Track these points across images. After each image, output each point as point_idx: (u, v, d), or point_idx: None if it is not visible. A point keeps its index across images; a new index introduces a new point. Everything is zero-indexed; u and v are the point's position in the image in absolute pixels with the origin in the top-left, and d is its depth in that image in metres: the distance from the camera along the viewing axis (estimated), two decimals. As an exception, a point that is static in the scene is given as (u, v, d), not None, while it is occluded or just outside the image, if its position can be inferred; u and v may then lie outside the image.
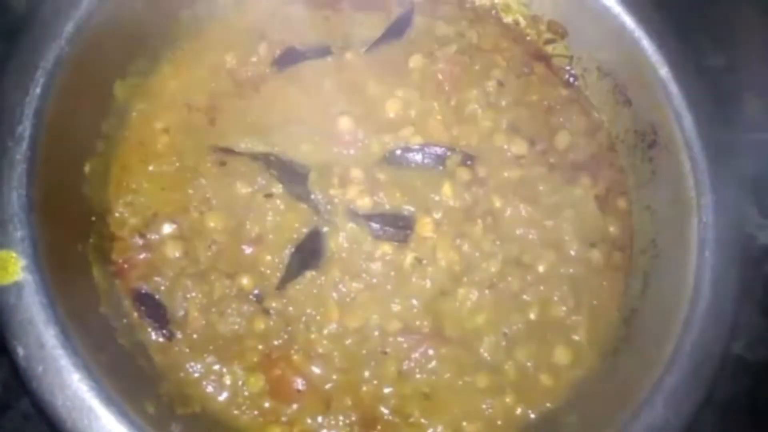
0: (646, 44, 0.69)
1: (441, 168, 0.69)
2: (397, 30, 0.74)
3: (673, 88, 0.68)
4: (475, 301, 0.65)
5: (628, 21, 0.69)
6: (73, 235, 0.60)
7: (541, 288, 0.67)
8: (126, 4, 0.64)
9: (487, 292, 0.66)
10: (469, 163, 0.69)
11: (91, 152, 0.64)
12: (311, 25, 0.74)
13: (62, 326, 0.52)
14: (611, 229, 0.71)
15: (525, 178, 0.70)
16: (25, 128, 0.56)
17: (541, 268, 0.67)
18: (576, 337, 0.66)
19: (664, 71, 0.68)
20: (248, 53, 0.71)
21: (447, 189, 0.68)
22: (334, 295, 0.64)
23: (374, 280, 0.65)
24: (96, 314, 0.58)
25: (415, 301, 0.65)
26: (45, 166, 0.57)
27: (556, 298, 0.67)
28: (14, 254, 0.53)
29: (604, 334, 0.67)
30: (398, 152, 0.69)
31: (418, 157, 0.69)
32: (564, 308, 0.66)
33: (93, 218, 0.63)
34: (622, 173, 0.73)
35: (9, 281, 0.53)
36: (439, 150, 0.69)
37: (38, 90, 0.57)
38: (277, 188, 0.66)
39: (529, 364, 0.65)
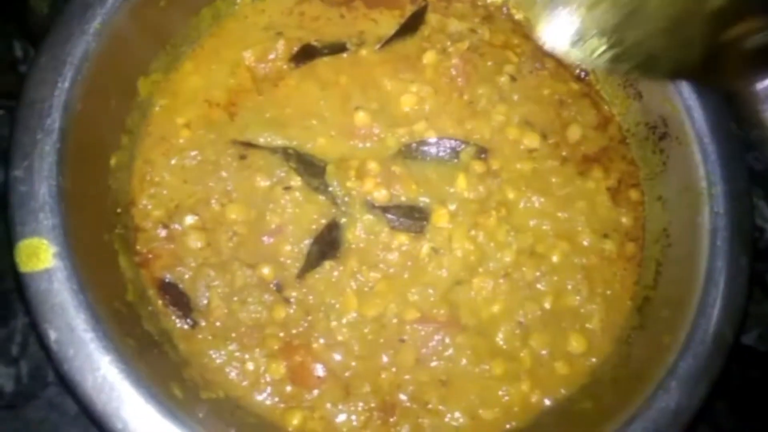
0: (657, 38, 0.70)
1: (456, 161, 0.70)
2: (410, 27, 0.76)
3: (683, 80, 0.69)
4: (491, 291, 0.66)
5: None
6: (100, 226, 0.61)
7: (555, 278, 0.68)
8: (149, 1, 0.66)
9: (501, 281, 0.67)
10: (482, 156, 0.71)
11: (117, 146, 0.65)
12: (327, 22, 0.76)
13: (92, 311, 0.54)
14: (623, 220, 0.72)
15: (537, 171, 0.71)
16: (54, 121, 0.58)
17: (554, 258, 0.68)
18: (590, 326, 0.67)
19: (674, 65, 0.70)
20: (266, 50, 0.73)
21: (461, 181, 0.69)
22: (353, 284, 0.65)
23: (391, 270, 0.66)
24: (123, 301, 0.60)
25: (431, 290, 0.66)
26: (74, 158, 0.58)
27: (569, 288, 0.68)
28: (45, 242, 0.54)
29: (618, 322, 0.68)
30: (413, 146, 0.70)
31: (433, 150, 0.70)
32: (578, 297, 0.68)
33: (119, 210, 0.64)
34: (634, 165, 0.74)
35: (41, 268, 0.54)
36: (453, 143, 0.71)
37: (66, 84, 0.59)
38: (296, 181, 0.68)
39: (544, 352, 0.66)
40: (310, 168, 0.68)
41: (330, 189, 0.68)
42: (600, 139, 0.75)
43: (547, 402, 0.65)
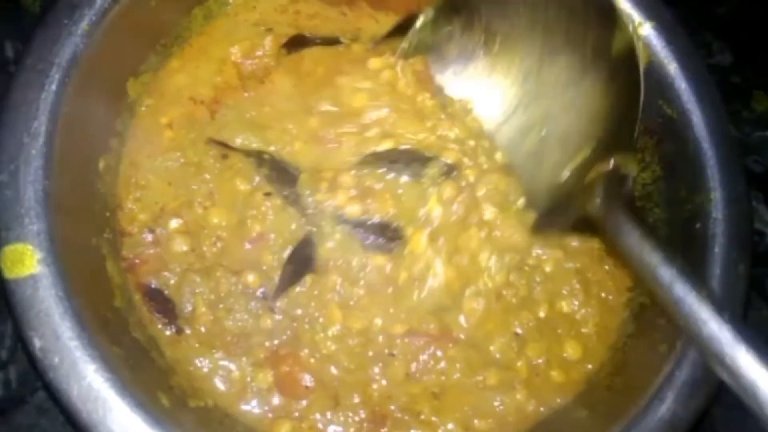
0: (656, 41, 0.69)
1: (423, 179, 0.67)
2: (404, 27, 0.74)
3: (682, 84, 0.68)
4: (482, 312, 0.65)
5: (637, 17, 0.70)
6: (88, 230, 0.61)
7: (550, 285, 0.67)
8: (139, 1, 0.65)
9: (494, 302, 0.65)
10: (453, 174, 0.67)
11: (106, 149, 0.64)
12: (324, 20, 0.74)
13: (78, 318, 0.53)
14: None
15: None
16: (41, 124, 0.57)
17: (548, 268, 0.67)
18: (585, 330, 0.66)
19: (672, 67, 0.68)
20: (254, 46, 0.71)
21: (434, 201, 0.66)
22: (335, 297, 0.64)
23: (373, 288, 0.64)
24: (111, 308, 0.59)
25: (417, 309, 0.64)
26: (61, 162, 0.57)
27: (565, 293, 0.67)
28: (30, 247, 0.53)
29: (613, 326, 0.67)
30: (374, 155, 0.67)
31: (401, 158, 0.67)
32: (575, 302, 0.67)
33: (107, 214, 0.63)
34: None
35: (25, 273, 0.53)
36: (419, 155, 0.68)
37: (54, 87, 0.58)
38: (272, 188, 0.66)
39: (540, 360, 0.65)
40: (284, 175, 0.66)
41: (302, 200, 0.65)
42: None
43: (543, 411, 0.64)
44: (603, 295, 0.68)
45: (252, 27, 0.73)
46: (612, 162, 0.61)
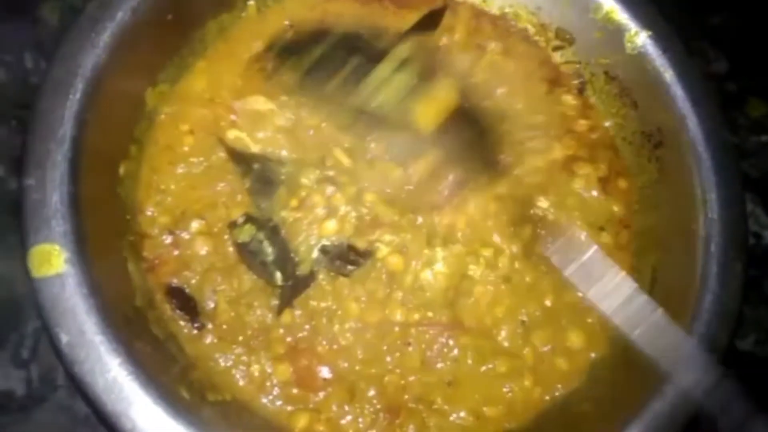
0: (651, 49, 0.72)
1: None
2: (425, 25, 0.76)
3: (678, 90, 0.70)
4: (493, 295, 0.67)
5: (634, 27, 0.72)
6: (110, 232, 0.63)
7: (557, 276, 0.68)
8: (157, 14, 0.67)
9: (503, 287, 0.68)
10: None
11: (125, 155, 0.67)
12: (349, 16, 0.76)
13: (102, 315, 0.55)
14: (615, 209, 0.73)
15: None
16: (66, 131, 0.59)
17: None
18: (590, 320, 0.69)
19: (668, 75, 0.71)
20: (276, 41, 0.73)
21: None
22: (350, 294, 0.66)
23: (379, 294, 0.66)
24: (132, 306, 0.61)
25: (429, 300, 0.67)
26: (84, 167, 0.60)
27: (570, 284, 0.68)
28: (57, 247, 0.56)
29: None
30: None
31: None
32: (579, 293, 0.68)
33: (128, 217, 0.66)
34: (618, 155, 0.76)
35: (52, 273, 0.55)
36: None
37: (78, 96, 0.60)
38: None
39: (545, 348, 0.67)
40: (267, 187, 0.68)
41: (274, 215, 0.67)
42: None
43: (548, 398, 0.66)
44: None
45: (276, 23, 0.75)
46: None
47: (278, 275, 0.65)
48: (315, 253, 0.66)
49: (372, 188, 0.68)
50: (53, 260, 0.56)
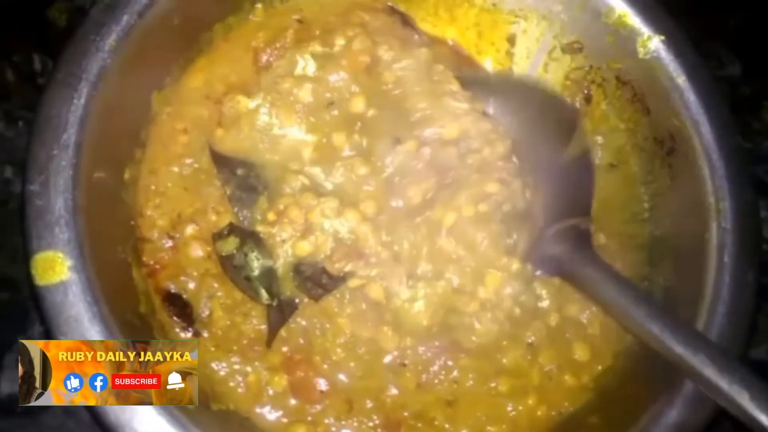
0: (664, 54, 0.70)
1: None
2: None
3: (690, 96, 0.69)
4: (495, 333, 0.65)
5: (646, 31, 0.71)
6: (114, 239, 0.63)
7: (559, 293, 0.68)
8: (163, 18, 0.66)
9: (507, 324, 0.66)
10: None
11: (130, 160, 0.66)
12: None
13: (106, 323, 0.55)
14: None
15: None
16: (70, 136, 0.59)
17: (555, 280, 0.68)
18: (591, 331, 0.68)
19: (681, 80, 0.70)
20: (278, 36, 0.72)
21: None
22: (338, 311, 0.64)
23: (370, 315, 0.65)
24: (136, 313, 0.61)
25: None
26: (88, 173, 0.59)
27: (572, 297, 0.68)
28: (61, 255, 0.56)
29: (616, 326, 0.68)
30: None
31: None
32: (578, 305, 0.68)
33: (132, 222, 0.66)
34: None
35: (56, 280, 0.55)
36: None
37: (82, 100, 0.60)
38: None
39: (552, 366, 0.66)
40: (251, 195, 0.67)
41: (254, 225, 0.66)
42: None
43: (554, 415, 0.65)
44: None
45: (281, 22, 0.73)
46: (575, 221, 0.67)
47: (263, 293, 0.64)
48: (291, 272, 0.64)
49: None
50: (57, 268, 0.55)
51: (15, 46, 0.81)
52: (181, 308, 0.65)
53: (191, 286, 0.65)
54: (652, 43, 0.71)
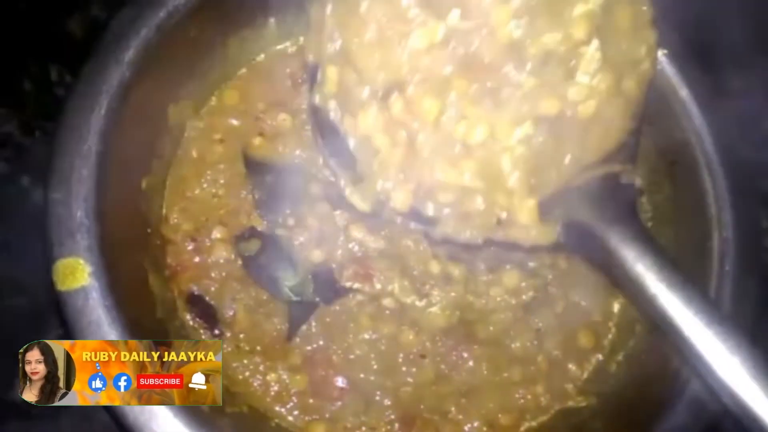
0: (668, 68, 0.72)
1: None
2: None
3: (693, 108, 0.70)
4: (507, 322, 0.68)
5: (649, 45, 0.73)
6: (132, 246, 0.65)
7: (566, 279, 0.70)
8: (181, 32, 0.68)
9: (520, 313, 0.68)
10: None
11: (147, 170, 0.68)
12: None
13: (125, 327, 0.57)
14: None
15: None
16: (91, 146, 0.61)
17: (563, 264, 0.70)
18: (595, 318, 0.70)
19: (684, 92, 0.71)
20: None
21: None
22: (359, 310, 0.67)
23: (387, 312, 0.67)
24: (153, 319, 0.63)
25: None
26: (108, 182, 0.61)
27: (577, 284, 0.70)
28: (82, 261, 0.57)
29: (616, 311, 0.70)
30: None
31: None
32: (584, 292, 0.70)
33: (149, 230, 0.68)
34: None
35: (77, 286, 0.57)
36: None
37: (102, 111, 0.62)
38: None
39: (557, 352, 0.68)
40: (272, 201, 0.70)
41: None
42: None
43: (557, 405, 0.67)
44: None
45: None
46: (615, 166, 0.55)
47: (287, 291, 0.67)
48: (309, 275, 0.67)
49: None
50: (78, 274, 0.57)
51: (32, 56, 0.83)
52: (204, 309, 0.67)
53: (214, 288, 0.67)
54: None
